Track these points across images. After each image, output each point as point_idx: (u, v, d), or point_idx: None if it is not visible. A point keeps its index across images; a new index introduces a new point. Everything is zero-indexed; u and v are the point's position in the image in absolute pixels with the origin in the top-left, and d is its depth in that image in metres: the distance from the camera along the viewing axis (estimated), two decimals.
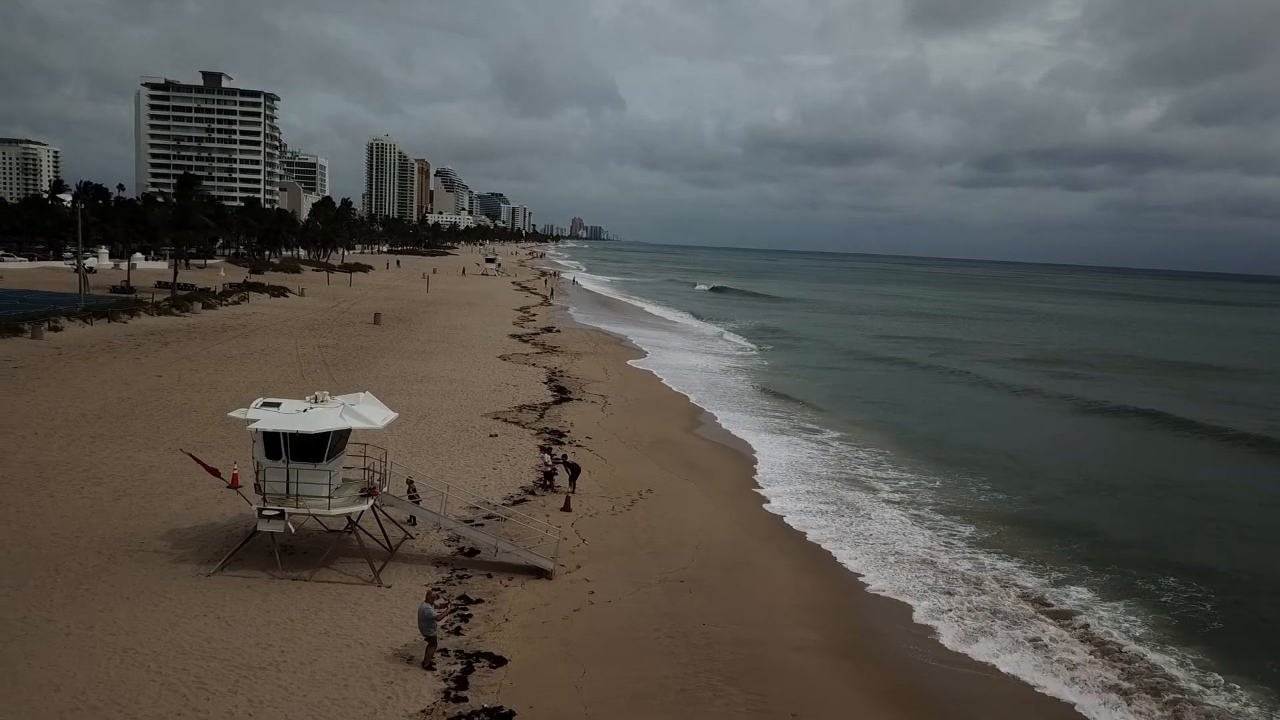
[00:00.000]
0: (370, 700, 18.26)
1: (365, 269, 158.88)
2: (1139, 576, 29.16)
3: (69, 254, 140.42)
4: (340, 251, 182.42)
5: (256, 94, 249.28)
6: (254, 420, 23.88)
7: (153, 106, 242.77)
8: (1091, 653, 23.29)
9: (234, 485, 31.34)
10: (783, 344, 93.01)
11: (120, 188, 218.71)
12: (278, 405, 24.79)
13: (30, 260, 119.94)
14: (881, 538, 31.47)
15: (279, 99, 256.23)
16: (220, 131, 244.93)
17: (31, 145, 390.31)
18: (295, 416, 24.02)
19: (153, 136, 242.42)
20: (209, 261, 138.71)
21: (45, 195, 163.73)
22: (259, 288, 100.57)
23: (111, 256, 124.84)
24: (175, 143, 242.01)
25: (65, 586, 22.31)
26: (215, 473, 25.55)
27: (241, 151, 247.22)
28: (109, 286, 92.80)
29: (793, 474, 39.36)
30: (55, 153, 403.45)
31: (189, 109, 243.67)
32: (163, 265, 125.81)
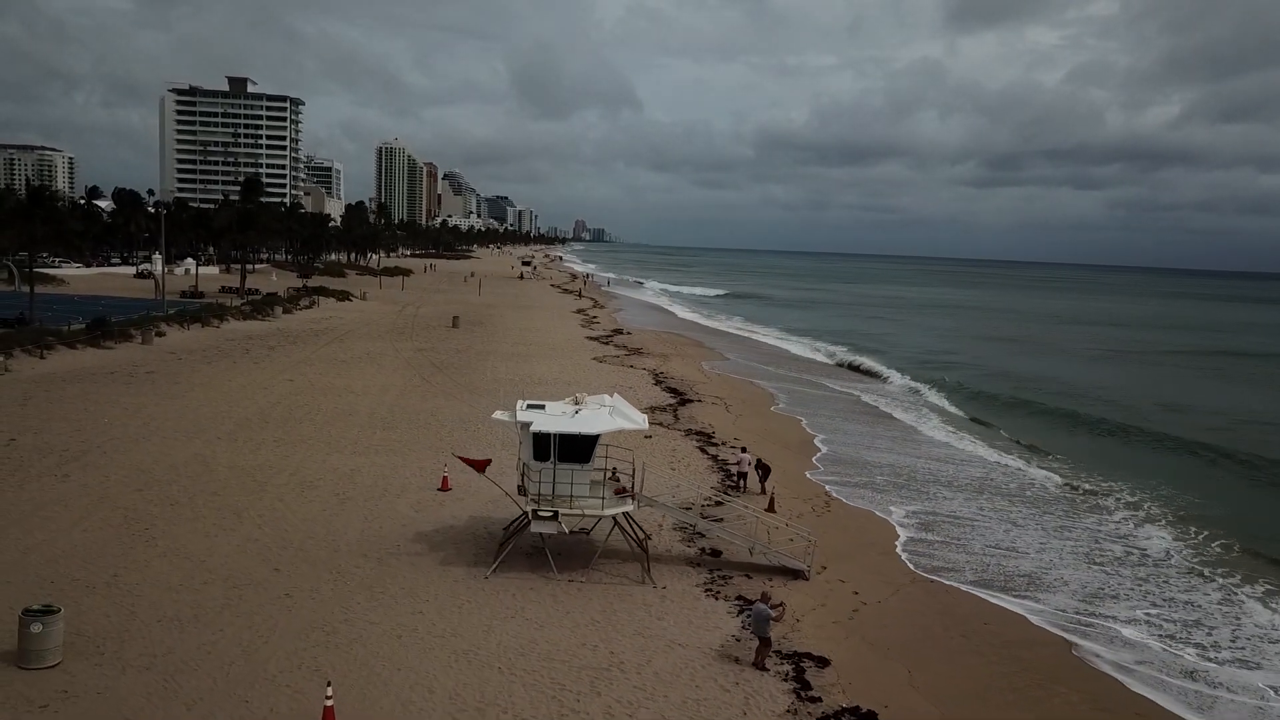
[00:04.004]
0: (729, 700, 18.23)
1: (406, 272, 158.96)
2: None
3: (115, 259, 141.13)
4: (378, 255, 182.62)
5: (283, 99, 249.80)
6: (528, 422, 23.86)
7: (179, 112, 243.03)
8: None
9: (444, 488, 31.58)
10: (867, 347, 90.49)
11: (150, 192, 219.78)
12: (542, 407, 24.82)
13: (87, 266, 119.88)
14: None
15: (304, 104, 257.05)
16: (246, 137, 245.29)
17: (47, 152, 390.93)
18: (569, 418, 24.01)
19: (179, 142, 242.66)
20: (256, 266, 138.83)
21: (83, 201, 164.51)
22: (324, 292, 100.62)
23: (167, 262, 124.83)
24: (202, 148, 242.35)
25: (359, 590, 22.29)
26: (481, 469, 25.41)
27: (268, 157, 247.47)
28: (178, 292, 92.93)
29: (959, 479, 39.38)
30: (70, 159, 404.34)
31: (215, 114, 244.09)
32: (214, 270, 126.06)
